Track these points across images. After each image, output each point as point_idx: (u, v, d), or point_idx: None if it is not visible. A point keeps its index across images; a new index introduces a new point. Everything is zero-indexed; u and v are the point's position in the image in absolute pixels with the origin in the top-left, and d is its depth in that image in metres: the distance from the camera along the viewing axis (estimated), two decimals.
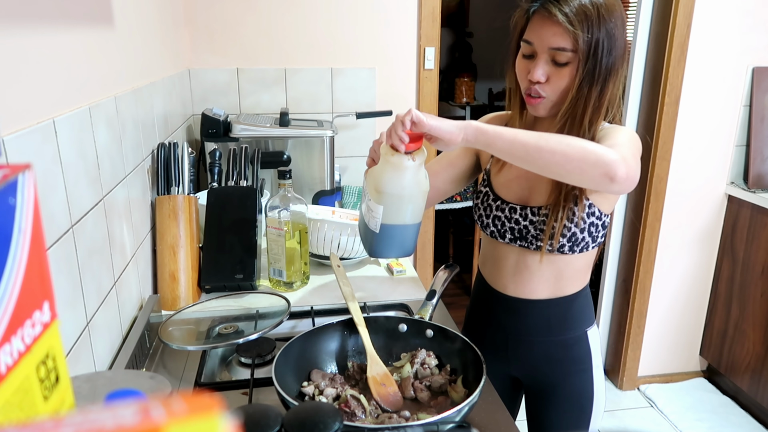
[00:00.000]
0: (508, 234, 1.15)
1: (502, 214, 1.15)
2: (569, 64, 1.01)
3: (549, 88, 1.04)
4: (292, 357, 0.98)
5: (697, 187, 2.49)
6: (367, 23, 2.11)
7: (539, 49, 1.02)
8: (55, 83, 0.87)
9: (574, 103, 1.03)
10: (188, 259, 1.34)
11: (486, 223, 1.18)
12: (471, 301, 1.33)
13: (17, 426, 0.22)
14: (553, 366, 1.19)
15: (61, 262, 0.84)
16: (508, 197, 1.15)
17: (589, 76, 1.01)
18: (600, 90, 1.02)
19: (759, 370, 2.41)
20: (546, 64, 1.02)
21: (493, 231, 1.17)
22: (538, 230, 1.11)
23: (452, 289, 3.68)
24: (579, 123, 1.04)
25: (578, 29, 0.98)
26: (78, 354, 0.89)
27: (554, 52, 1.01)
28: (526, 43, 1.04)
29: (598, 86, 1.02)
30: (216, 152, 1.58)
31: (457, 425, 0.85)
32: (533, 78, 1.03)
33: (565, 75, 1.02)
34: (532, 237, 1.12)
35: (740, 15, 2.29)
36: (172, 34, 1.77)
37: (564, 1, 0.99)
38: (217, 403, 0.22)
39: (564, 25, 0.98)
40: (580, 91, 1.02)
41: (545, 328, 1.18)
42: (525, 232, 1.12)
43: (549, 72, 1.03)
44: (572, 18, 0.98)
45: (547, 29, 1.00)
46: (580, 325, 1.18)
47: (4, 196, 0.31)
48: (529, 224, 1.12)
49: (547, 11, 1.00)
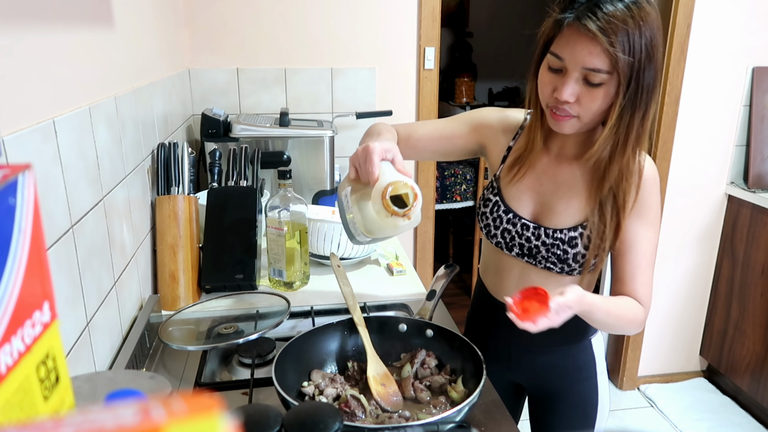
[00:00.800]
0: (516, 248, 1.10)
1: (513, 229, 1.09)
2: (603, 85, 0.91)
3: (579, 108, 0.94)
4: (292, 357, 0.98)
5: (697, 187, 2.49)
6: (367, 23, 2.11)
7: (570, 66, 0.91)
8: (55, 83, 0.87)
9: (614, 132, 0.94)
10: (188, 259, 1.34)
11: (494, 233, 1.12)
12: (471, 308, 1.31)
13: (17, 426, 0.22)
14: (558, 374, 1.17)
15: (61, 262, 0.84)
16: (521, 211, 1.10)
17: (630, 102, 0.91)
18: (643, 114, 0.93)
19: (759, 369, 2.41)
20: (576, 83, 0.92)
21: (500, 242, 1.12)
22: (550, 253, 1.06)
23: (452, 289, 3.68)
24: (622, 152, 0.96)
25: (618, 50, 0.86)
26: (78, 354, 0.89)
27: (587, 72, 0.90)
28: (556, 58, 0.93)
29: (641, 110, 0.92)
30: (216, 152, 1.58)
31: (457, 425, 0.85)
32: (561, 97, 0.93)
33: (598, 96, 0.92)
34: (542, 258, 1.07)
35: (740, 15, 2.29)
36: (172, 34, 1.77)
37: (602, 15, 0.87)
38: (217, 403, 0.22)
39: (603, 45, 0.87)
40: (621, 118, 0.92)
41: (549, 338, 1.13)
42: (535, 251, 1.08)
43: (579, 92, 0.92)
44: (612, 36, 0.86)
45: (583, 46, 0.89)
46: (585, 334, 1.16)
47: (4, 196, 0.31)
48: (540, 245, 1.07)
49: (584, 25, 0.88)
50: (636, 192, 1.00)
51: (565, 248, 1.05)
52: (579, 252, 1.04)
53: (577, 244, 1.04)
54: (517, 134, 1.13)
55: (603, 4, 0.88)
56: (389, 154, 0.94)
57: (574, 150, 1.06)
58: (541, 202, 1.08)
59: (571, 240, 1.04)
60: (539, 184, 1.09)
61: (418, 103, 2.22)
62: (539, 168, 1.09)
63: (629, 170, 0.99)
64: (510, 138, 1.14)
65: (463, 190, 3.43)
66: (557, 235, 1.05)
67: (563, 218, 1.06)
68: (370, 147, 0.90)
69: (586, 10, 0.88)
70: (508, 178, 1.11)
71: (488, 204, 1.14)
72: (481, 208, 1.16)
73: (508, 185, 1.11)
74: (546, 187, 1.08)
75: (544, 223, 1.07)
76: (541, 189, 1.08)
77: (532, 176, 1.09)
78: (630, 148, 0.96)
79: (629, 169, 0.99)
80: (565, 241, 1.05)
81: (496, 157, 1.15)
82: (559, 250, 1.05)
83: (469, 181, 3.48)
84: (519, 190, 1.10)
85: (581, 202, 1.05)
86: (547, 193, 1.08)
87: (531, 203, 1.09)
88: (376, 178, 0.90)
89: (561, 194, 1.07)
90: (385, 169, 0.91)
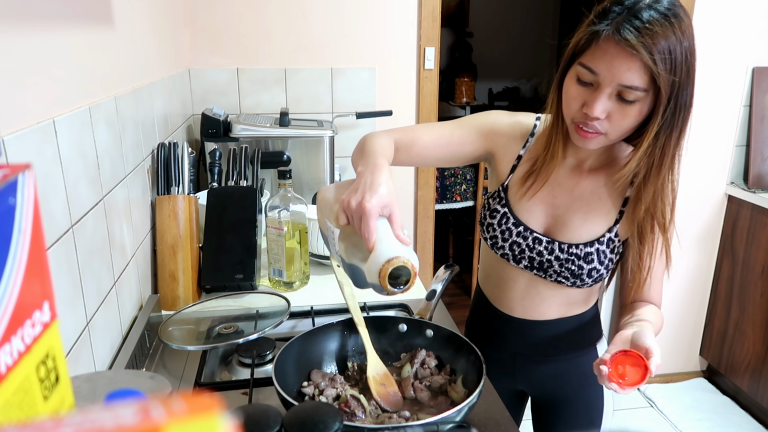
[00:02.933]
0: (525, 261, 1.06)
1: (524, 242, 1.05)
2: (637, 103, 0.86)
3: (608, 125, 0.89)
4: (292, 357, 0.98)
5: (697, 187, 2.49)
6: (367, 23, 2.11)
7: (605, 81, 0.85)
8: (55, 83, 0.87)
9: (649, 152, 0.89)
10: (188, 259, 1.34)
11: (501, 245, 1.07)
12: (470, 316, 1.28)
13: (17, 426, 0.22)
14: (563, 382, 1.16)
15: (61, 262, 0.84)
16: (531, 224, 1.05)
17: (668, 121, 0.86)
18: (679, 134, 0.89)
19: (759, 370, 2.41)
20: (609, 99, 0.86)
21: (507, 254, 1.08)
22: (564, 268, 1.03)
23: (452, 289, 3.69)
24: (657, 173, 0.92)
25: (660, 67, 0.81)
26: (78, 354, 0.89)
27: (623, 89, 0.85)
28: (588, 71, 0.87)
29: (678, 130, 0.88)
30: (216, 152, 1.58)
31: (457, 425, 0.85)
32: (592, 114, 0.87)
33: (631, 114, 0.87)
34: (554, 272, 1.04)
35: (740, 15, 2.29)
36: (172, 34, 1.77)
37: (642, 27, 0.81)
38: (217, 403, 0.22)
39: (643, 60, 0.81)
40: (657, 139, 0.88)
41: (554, 347, 1.13)
42: (546, 265, 1.04)
43: (611, 109, 0.87)
44: (654, 52, 0.81)
45: (621, 62, 0.83)
46: (590, 341, 1.15)
47: (4, 196, 0.31)
48: (554, 260, 1.03)
49: (624, 39, 0.82)
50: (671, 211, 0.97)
51: (580, 264, 1.02)
52: (594, 268, 1.02)
53: (593, 260, 1.01)
54: (527, 141, 1.08)
55: (641, 13, 0.82)
56: (386, 210, 0.80)
57: (593, 163, 1.03)
58: (555, 215, 1.04)
59: (587, 255, 1.01)
60: (553, 197, 1.04)
61: (418, 103, 2.22)
62: (554, 180, 1.04)
63: (664, 192, 0.95)
64: (520, 146, 1.08)
65: (463, 190, 3.43)
66: (572, 250, 1.02)
67: (579, 233, 1.02)
68: (366, 209, 0.77)
69: (625, 21, 0.83)
70: (521, 190, 1.06)
71: (495, 215, 1.08)
72: (486, 218, 1.10)
73: (520, 198, 1.06)
74: (561, 200, 1.04)
75: (558, 237, 1.03)
76: (555, 202, 1.04)
77: (546, 188, 1.04)
78: (666, 169, 0.92)
79: (664, 191, 0.95)
80: (580, 256, 1.02)
81: (506, 165, 1.10)
82: (574, 265, 1.02)
83: (469, 181, 3.48)
84: (531, 202, 1.05)
85: (599, 217, 1.02)
86: (562, 206, 1.03)
87: (543, 216, 1.05)
88: (372, 245, 0.78)
89: (577, 208, 1.03)
90: (382, 236, 0.79)
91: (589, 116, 0.88)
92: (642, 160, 0.91)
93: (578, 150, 1.03)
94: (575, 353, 1.15)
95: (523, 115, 1.12)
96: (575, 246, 1.02)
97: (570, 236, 1.03)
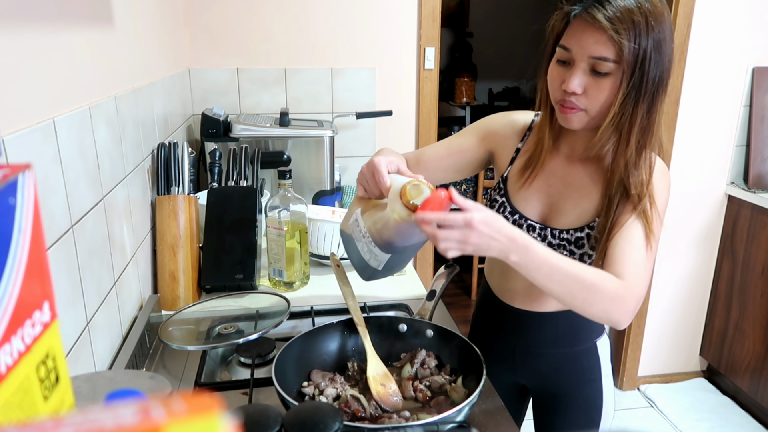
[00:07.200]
0: None
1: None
2: (610, 76, 0.91)
3: (586, 101, 0.95)
4: (292, 357, 0.98)
5: (697, 187, 2.49)
6: (367, 23, 2.11)
7: (578, 57, 0.93)
8: (55, 83, 0.87)
9: (617, 121, 0.94)
10: (188, 259, 1.34)
11: None
12: (476, 310, 1.30)
13: (17, 426, 0.22)
14: (562, 376, 1.17)
15: (61, 262, 0.84)
16: (527, 212, 1.09)
17: (635, 91, 0.91)
18: (648, 108, 0.93)
19: (759, 370, 2.41)
20: (584, 74, 0.93)
21: None
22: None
23: (452, 289, 3.69)
24: (625, 144, 0.95)
25: (624, 37, 0.88)
26: (78, 354, 0.89)
27: (594, 61, 0.91)
28: (564, 50, 0.95)
29: (645, 103, 0.93)
30: (216, 152, 1.58)
31: (457, 425, 0.85)
32: (568, 88, 0.93)
33: (605, 87, 0.92)
34: None
35: (740, 15, 2.29)
36: (172, 34, 1.77)
37: (609, 6, 0.89)
38: (217, 403, 0.22)
39: (608, 33, 0.88)
40: (624, 107, 0.93)
41: (553, 341, 1.15)
42: None
43: (587, 83, 0.93)
44: (618, 25, 0.88)
45: (589, 36, 0.91)
46: (590, 337, 1.16)
47: (4, 196, 0.31)
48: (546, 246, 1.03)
49: (590, 16, 0.90)
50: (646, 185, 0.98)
51: (571, 249, 1.04)
52: (585, 252, 1.04)
53: (584, 245, 1.03)
54: (525, 135, 1.13)
55: None
56: (392, 166, 0.95)
57: (583, 150, 1.06)
58: (549, 203, 1.08)
59: (577, 240, 1.04)
60: (548, 186, 1.08)
61: (418, 103, 2.22)
62: (548, 169, 1.08)
63: (637, 165, 0.97)
64: (518, 140, 1.13)
65: (463, 190, 3.44)
66: (563, 235, 1.04)
67: (570, 219, 1.05)
68: (375, 161, 0.92)
69: (594, 1, 0.90)
70: (519, 181, 1.10)
71: (494, 205, 1.13)
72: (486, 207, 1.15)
73: (518, 188, 1.10)
74: (554, 188, 1.07)
75: (552, 224, 1.07)
76: (550, 190, 1.08)
77: (541, 177, 1.08)
78: (634, 141, 0.95)
79: (637, 164, 0.97)
80: (571, 241, 1.04)
81: (505, 159, 1.14)
82: (566, 251, 1.04)
83: (469, 181, 3.48)
84: (528, 191, 1.09)
85: (589, 203, 1.04)
86: (555, 194, 1.07)
87: (539, 204, 1.09)
88: (389, 186, 0.91)
89: (568, 195, 1.06)
90: (395, 177, 0.93)
91: (567, 92, 0.94)
92: (610, 128, 0.95)
93: (569, 139, 1.07)
94: (574, 348, 1.16)
95: (521, 113, 1.17)
96: (566, 231, 1.04)
97: (562, 222, 1.06)
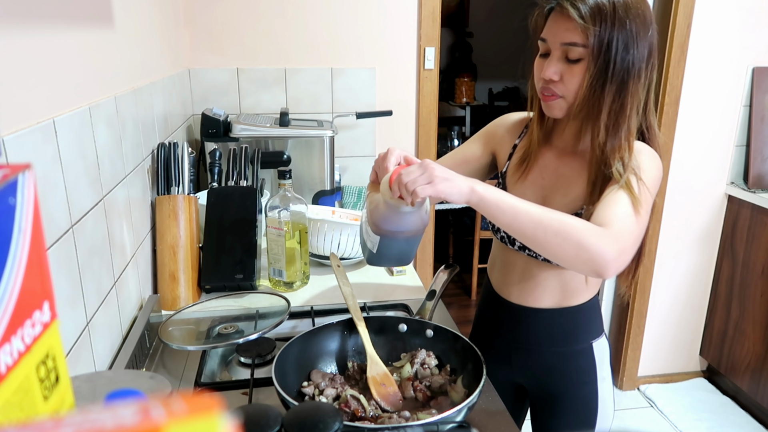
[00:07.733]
0: (518, 242, 1.11)
1: None
2: (582, 61, 0.98)
3: (563, 87, 1.00)
4: (292, 357, 0.98)
5: (697, 187, 2.49)
6: (367, 23, 2.11)
7: (552, 45, 1.00)
8: (55, 83, 0.87)
9: (585, 103, 0.99)
10: (188, 259, 1.34)
11: (497, 228, 1.15)
12: (478, 307, 1.32)
13: (17, 426, 0.22)
14: (556, 376, 1.17)
15: (61, 262, 0.84)
16: None
17: (601, 74, 0.96)
18: (617, 91, 0.97)
19: (759, 370, 2.41)
20: (559, 61, 1.00)
21: (503, 236, 1.15)
22: None
23: (452, 289, 3.69)
24: (597, 127, 0.99)
25: (589, 24, 0.95)
26: (78, 354, 0.89)
27: (566, 48, 0.98)
28: (542, 41, 1.02)
29: (613, 86, 0.97)
30: (216, 152, 1.58)
31: (457, 425, 0.85)
32: (545, 75, 1.00)
33: (578, 72, 0.98)
34: None
35: (740, 15, 2.29)
36: (172, 34, 1.77)
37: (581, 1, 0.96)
38: (217, 403, 0.22)
39: (576, 20, 0.95)
40: (591, 90, 0.98)
41: (548, 339, 1.16)
42: None
43: (562, 69, 1.00)
44: (585, 13, 0.95)
45: (560, 25, 0.98)
46: (585, 338, 1.16)
47: (4, 196, 0.31)
48: None
49: (562, 7, 0.98)
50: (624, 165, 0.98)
51: None
52: None
53: None
54: (522, 132, 1.18)
55: None
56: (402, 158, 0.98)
57: (572, 142, 1.10)
58: (543, 196, 1.11)
59: None
60: (542, 179, 1.12)
61: (418, 103, 2.22)
62: (541, 163, 1.13)
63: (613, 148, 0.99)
64: (515, 136, 1.19)
65: None
66: None
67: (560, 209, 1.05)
68: (390, 148, 0.96)
69: None
70: (515, 175, 1.15)
71: None
72: None
73: (514, 182, 1.15)
74: (547, 181, 1.11)
75: None
76: (543, 183, 1.12)
77: (535, 171, 1.13)
78: (603, 124, 0.98)
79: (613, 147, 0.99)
80: None
81: (504, 155, 1.20)
82: None
83: None
84: (524, 185, 1.13)
85: (577, 191, 1.07)
86: (548, 187, 1.11)
87: (534, 197, 1.11)
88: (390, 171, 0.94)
89: (560, 186, 1.10)
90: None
91: (545, 80, 1.01)
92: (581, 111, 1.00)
93: (559, 131, 1.12)
94: (569, 348, 1.16)
95: (519, 114, 1.23)
96: None
97: None
